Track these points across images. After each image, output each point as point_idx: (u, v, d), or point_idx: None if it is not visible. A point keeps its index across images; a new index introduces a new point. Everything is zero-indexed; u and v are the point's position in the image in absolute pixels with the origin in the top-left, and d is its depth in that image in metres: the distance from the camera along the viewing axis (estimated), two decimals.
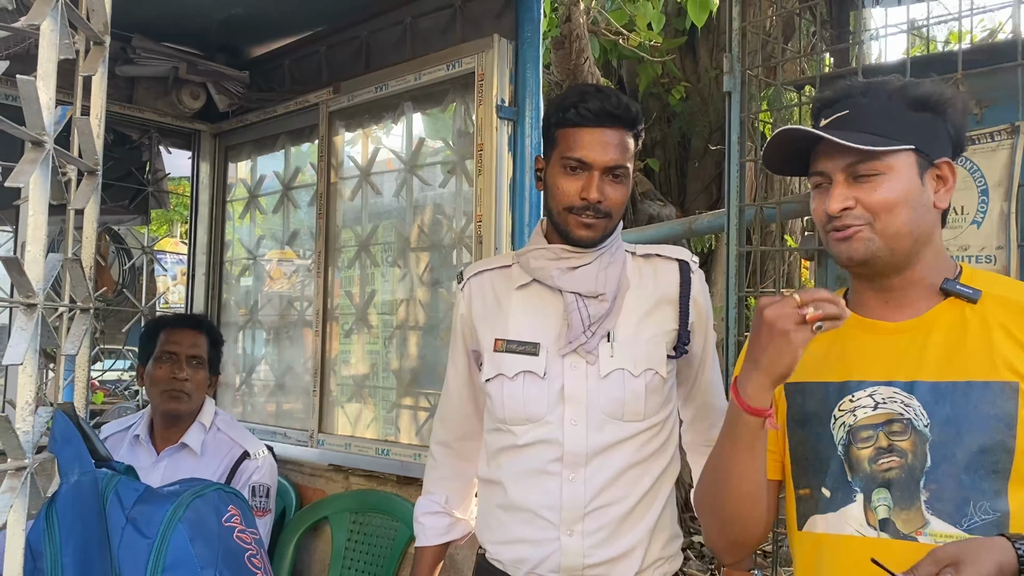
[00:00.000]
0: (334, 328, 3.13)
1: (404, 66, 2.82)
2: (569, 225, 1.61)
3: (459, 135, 2.76)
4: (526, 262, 1.68)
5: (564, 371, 1.60)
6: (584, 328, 1.59)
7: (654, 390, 1.62)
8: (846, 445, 1.26)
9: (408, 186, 2.93)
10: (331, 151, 3.14)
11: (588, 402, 1.59)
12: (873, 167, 1.25)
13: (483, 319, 1.72)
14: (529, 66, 2.54)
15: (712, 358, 1.76)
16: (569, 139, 1.59)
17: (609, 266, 1.64)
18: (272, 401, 3.44)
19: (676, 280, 1.67)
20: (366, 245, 3.06)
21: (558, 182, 1.60)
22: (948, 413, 1.19)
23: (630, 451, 1.59)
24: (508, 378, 1.63)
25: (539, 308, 1.67)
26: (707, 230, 3.58)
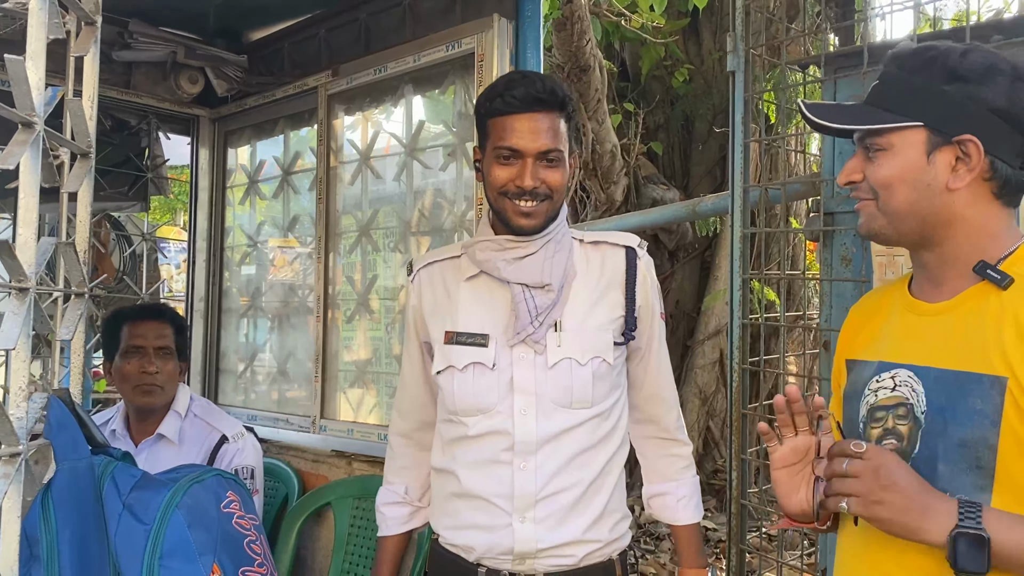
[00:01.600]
0: (336, 314, 3.10)
1: (403, 48, 2.78)
2: (507, 212, 1.61)
3: (459, 117, 2.73)
4: (472, 254, 1.69)
5: (513, 362, 1.62)
6: (531, 319, 1.61)
7: (601, 377, 1.64)
8: (864, 424, 1.28)
9: (408, 170, 2.89)
10: (330, 135, 3.10)
11: (537, 392, 1.61)
12: (876, 142, 1.24)
13: (433, 311, 1.74)
14: (530, 46, 2.50)
15: (660, 346, 1.77)
16: (499, 128, 1.60)
17: (555, 255, 1.65)
18: (274, 388, 3.42)
19: (622, 267, 1.68)
20: (367, 230, 3.03)
21: (492, 171, 1.61)
22: (942, 402, 1.18)
23: (579, 438, 1.62)
24: (458, 370, 1.65)
25: (487, 299, 1.68)
26: (711, 212, 3.55)
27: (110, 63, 3.26)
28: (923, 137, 1.21)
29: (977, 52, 1.21)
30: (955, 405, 1.16)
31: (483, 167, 1.67)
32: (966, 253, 1.23)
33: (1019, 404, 1.11)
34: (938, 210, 1.23)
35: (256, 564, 1.54)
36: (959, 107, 1.20)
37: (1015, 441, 1.12)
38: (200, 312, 3.58)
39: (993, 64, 1.20)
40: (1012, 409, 1.11)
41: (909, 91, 1.23)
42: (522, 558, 1.61)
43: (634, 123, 5.93)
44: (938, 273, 1.27)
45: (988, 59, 1.21)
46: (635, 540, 4.89)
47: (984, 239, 1.23)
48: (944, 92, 1.20)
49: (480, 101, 1.66)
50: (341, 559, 2.73)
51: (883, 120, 1.23)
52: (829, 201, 2.60)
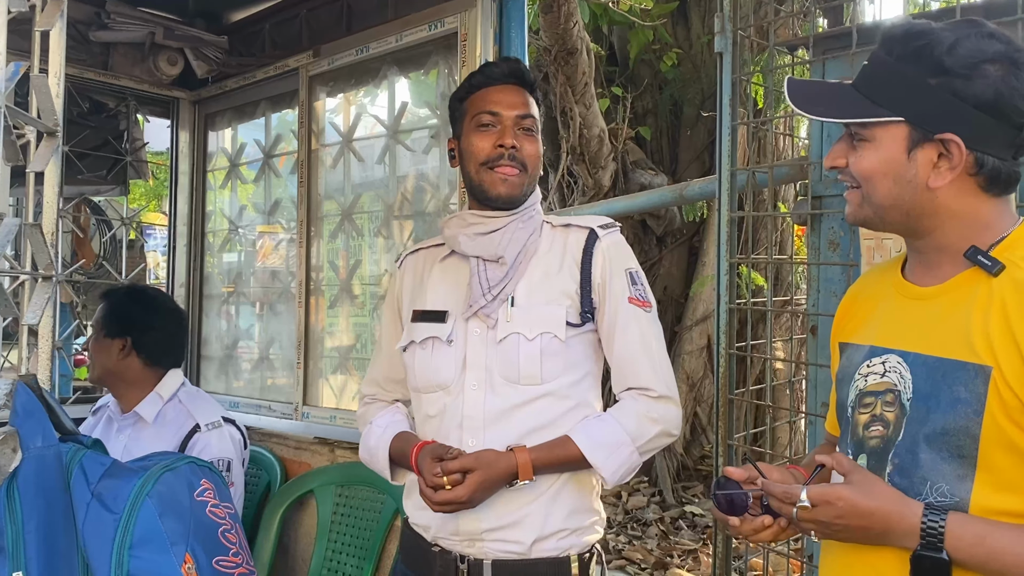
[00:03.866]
0: (318, 299, 3.07)
1: (385, 27, 2.74)
2: (486, 183, 1.63)
3: (443, 99, 2.69)
4: (444, 233, 1.72)
5: (467, 336, 1.63)
6: (484, 291, 1.62)
7: (552, 354, 1.60)
8: (853, 408, 1.26)
9: (391, 153, 2.86)
10: (312, 117, 3.07)
11: (487, 367, 1.60)
12: (859, 132, 1.21)
13: (409, 294, 1.77)
14: (514, 25, 2.46)
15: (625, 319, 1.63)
16: (478, 100, 1.66)
17: (516, 231, 1.65)
18: (256, 374, 3.39)
19: (581, 247, 1.66)
20: (349, 214, 3.00)
21: (473, 141, 1.64)
22: (927, 390, 1.16)
23: (530, 416, 1.59)
24: (418, 344, 1.67)
25: (452, 277, 1.70)
26: (699, 196, 3.52)
27: (87, 44, 3.20)
28: (905, 133, 1.18)
29: (967, 42, 1.14)
30: (939, 393, 1.14)
31: (461, 149, 1.69)
32: (956, 241, 1.20)
33: (1002, 395, 1.09)
34: (921, 204, 1.20)
35: (231, 553, 1.50)
36: (943, 104, 1.15)
37: (997, 431, 1.09)
38: (181, 298, 3.53)
39: (982, 55, 1.14)
40: (995, 399, 1.09)
41: (894, 82, 1.18)
42: (470, 539, 1.59)
43: (622, 108, 5.88)
44: (931, 257, 1.24)
45: (978, 49, 1.14)
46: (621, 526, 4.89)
47: (975, 228, 1.20)
48: (929, 87, 1.15)
49: (456, 92, 1.72)
50: (324, 546, 2.71)
51: (865, 112, 1.19)
52: (817, 185, 2.57)
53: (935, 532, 1.08)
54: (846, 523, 1.12)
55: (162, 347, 2.51)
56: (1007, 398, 1.09)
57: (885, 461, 1.19)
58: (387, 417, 1.79)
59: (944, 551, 1.08)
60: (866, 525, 1.12)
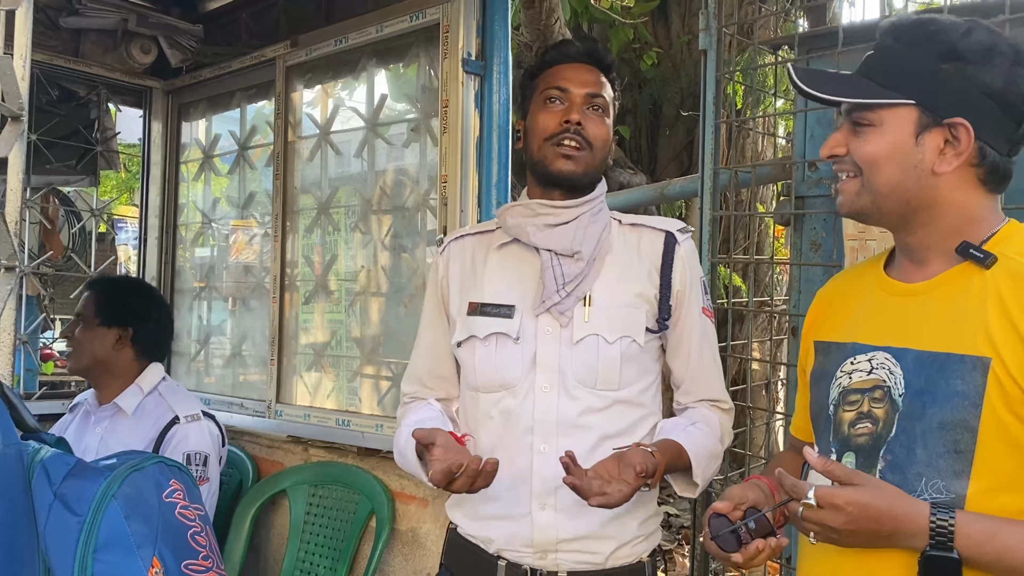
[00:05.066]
0: (293, 295, 3.02)
1: (365, 18, 2.69)
2: (548, 159, 1.55)
3: (423, 91, 2.64)
4: (504, 220, 1.63)
5: (537, 334, 1.55)
6: (558, 287, 1.54)
7: (630, 359, 1.55)
8: (836, 406, 1.25)
9: (370, 146, 2.80)
10: (288, 108, 3.01)
11: (560, 368, 1.53)
12: (865, 117, 1.20)
13: (459, 283, 1.67)
14: (497, 17, 2.41)
15: (700, 329, 1.63)
16: (548, 76, 1.59)
17: (589, 225, 1.57)
18: (228, 371, 3.33)
19: (660, 251, 1.60)
20: (326, 208, 2.94)
21: (538, 118, 1.57)
22: (921, 385, 1.15)
23: (605, 422, 1.53)
24: (480, 340, 1.58)
25: (516, 268, 1.61)
26: (679, 195, 3.51)
27: (57, 30, 3.13)
28: (914, 116, 1.18)
29: (980, 30, 1.17)
30: (935, 387, 1.13)
31: (526, 128, 1.63)
32: (949, 235, 1.20)
33: (1003, 385, 1.09)
34: (923, 192, 1.19)
35: (201, 557, 1.44)
36: (954, 88, 1.16)
37: (996, 424, 1.09)
38: None
39: (995, 45, 1.16)
40: (995, 390, 1.09)
41: (904, 67, 1.19)
42: (543, 550, 1.52)
43: None
44: (921, 254, 1.24)
45: (990, 39, 1.16)
46: None
47: (968, 222, 1.20)
48: (941, 71, 1.16)
49: (526, 70, 1.65)
50: (296, 547, 2.66)
51: (874, 94, 1.19)
52: (800, 185, 2.55)
53: (945, 531, 1.06)
54: (856, 527, 1.08)
55: (155, 340, 2.51)
56: (1009, 388, 1.08)
57: (876, 458, 1.18)
58: (416, 415, 1.66)
59: (954, 550, 1.06)
60: (876, 528, 1.09)
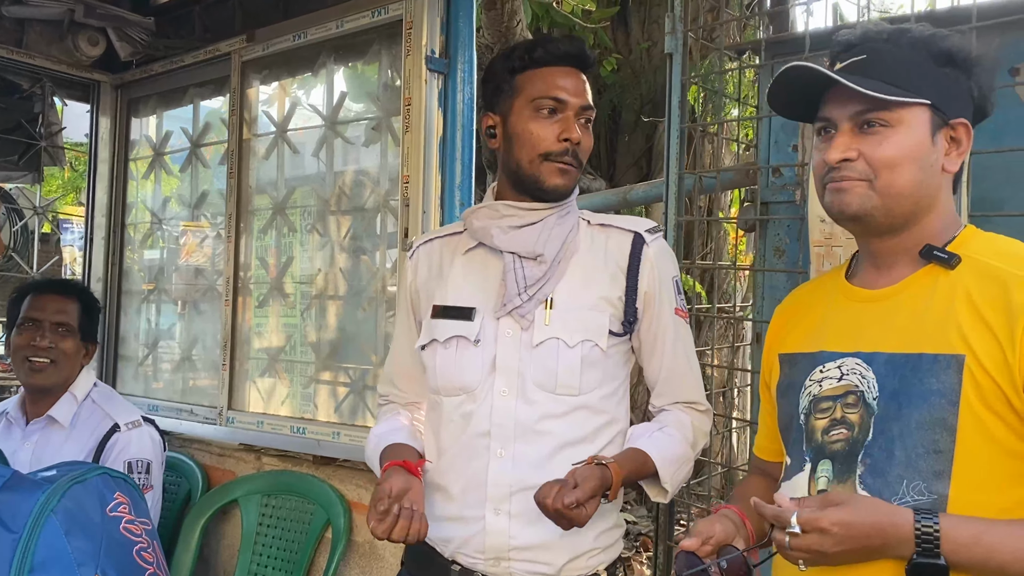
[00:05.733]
0: (246, 297, 2.94)
1: (325, 12, 2.63)
2: (543, 174, 1.52)
3: (385, 89, 2.59)
4: (470, 223, 1.60)
5: (498, 337, 1.53)
6: (520, 290, 1.51)
7: (592, 363, 1.52)
8: (807, 415, 1.25)
9: (329, 145, 2.74)
10: (244, 105, 2.93)
11: (519, 372, 1.51)
12: (882, 117, 1.19)
13: (425, 287, 1.66)
14: (462, 14, 2.37)
15: (673, 331, 1.59)
16: (539, 80, 1.52)
17: (555, 227, 1.55)
18: (178, 376, 3.24)
19: (627, 251, 1.57)
20: (282, 208, 2.87)
21: (530, 128, 1.51)
22: (895, 387, 1.15)
23: (565, 428, 1.50)
24: (440, 343, 1.56)
25: (480, 272, 1.59)
26: (642, 200, 3.47)
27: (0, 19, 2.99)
28: (927, 116, 1.19)
29: (957, 39, 1.22)
30: (910, 388, 1.13)
31: (506, 129, 1.55)
32: (925, 238, 1.22)
33: (978, 381, 1.10)
34: (932, 192, 1.21)
35: (147, 574, 1.35)
36: (956, 90, 1.21)
37: (974, 421, 1.10)
38: (98, 293, 3.27)
39: (972, 52, 1.22)
40: (971, 387, 1.10)
41: (912, 67, 1.20)
42: (496, 557, 1.50)
43: None
44: (889, 259, 1.25)
45: (969, 47, 1.23)
46: None
47: (948, 222, 1.24)
48: (943, 74, 1.20)
49: (505, 59, 1.56)
50: (248, 559, 2.57)
51: (896, 93, 1.18)
52: (764, 191, 2.53)
53: (931, 537, 1.05)
54: (845, 547, 1.06)
55: None
56: (983, 383, 1.09)
57: (854, 463, 1.17)
58: (386, 424, 1.69)
59: (941, 556, 1.04)
60: (865, 544, 1.07)
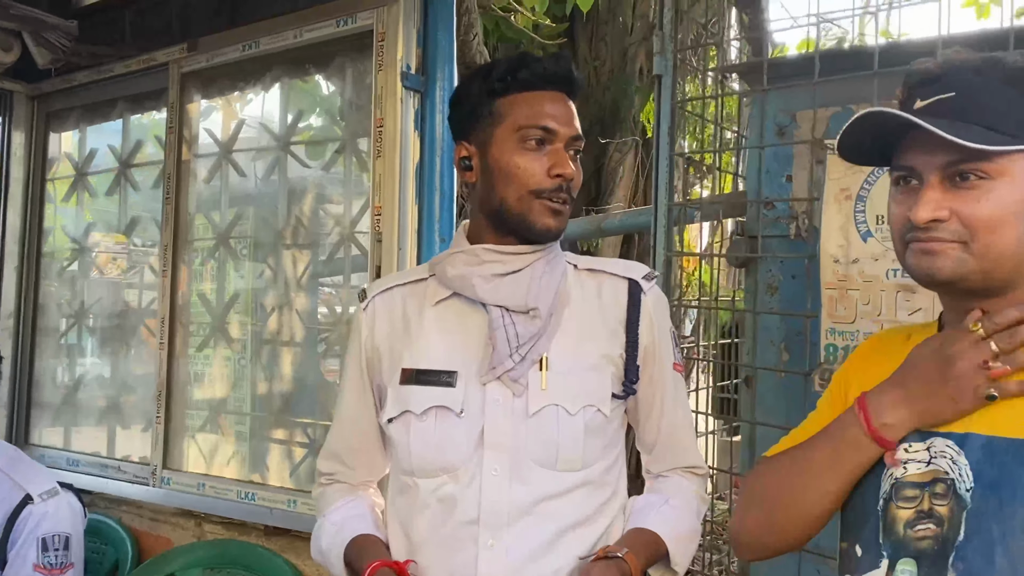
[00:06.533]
0: (185, 340, 2.72)
1: (280, 20, 2.42)
2: (533, 214, 1.35)
3: (350, 107, 2.39)
4: (442, 271, 1.42)
5: (486, 406, 1.34)
6: (511, 351, 1.34)
7: (595, 432, 1.36)
8: (887, 500, 1.09)
9: (282, 167, 2.53)
10: (183, 122, 2.72)
11: (513, 446, 1.33)
12: (980, 169, 1.02)
13: (388, 346, 1.45)
14: (441, 26, 2.19)
15: (673, 388, 1.47)
16: (525, 106, 1.35)
17: (544, 275, 1.38)
18: (104, 428, 2.99)
19: (624, 302, 1.42)
20: (226, 238, 2.65)
21: (516, 161, 1.34)
22: (994, 477, 1.00)
23: (566, 510, 1.34)
24: (416, 416, 1.36)
25: (458, 328, 1.40)
26: (619, 230, 3.31)
27: None
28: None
29: None
30: (1015, 479, 0.98)
31: (487, 160, 1.38)
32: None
33: None
34: None
35: None
36: None
37: None
38: (8, 331, 3.10)
39: None
40: None
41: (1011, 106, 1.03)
42: None
43: None
44: None
45: None
46: None
47: None
48: None
49: (483, 80, 1.38)
50: None
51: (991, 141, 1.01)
52: (753, 223, 2.40)
53: None
54: None
55: None
56: None
57: (944, 567, 1.01)
58: (344, 511, 1.47)
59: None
60: None
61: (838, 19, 2.43)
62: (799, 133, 2.31)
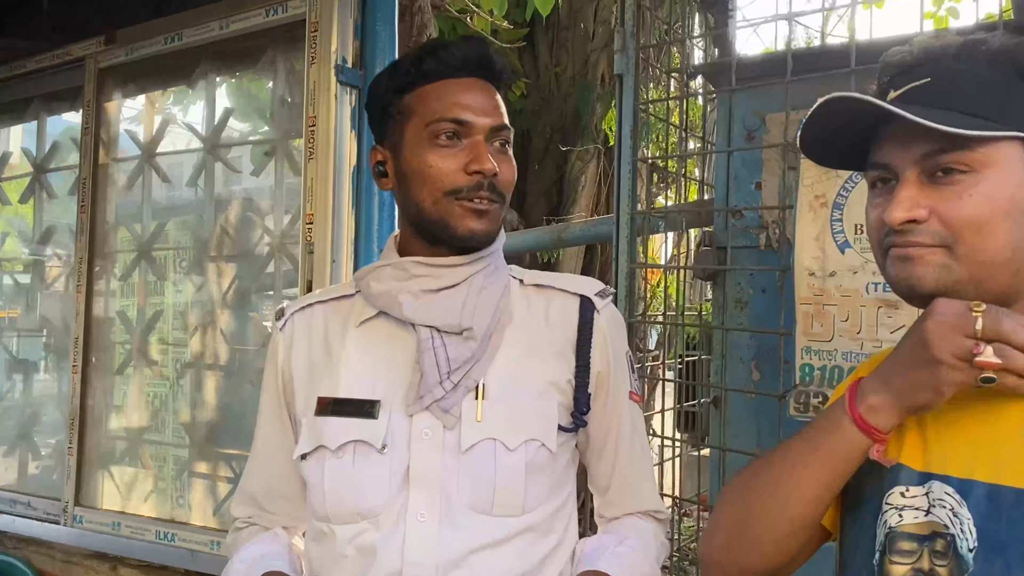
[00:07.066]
0: (101, 362, 2.55)
1: (206, 10, 2.27)
2: (452, 217, 1.22)
3: (281, 105, 2.23)
4: (367, 286, 1.29)
5: (412, 440, 1.20)
6: (441, 377, 1.21)
7: (538, 469, 1.22)
8: (882, 553, 0.98)
9: (209, 172, 2.36)
10: (101, 122, 2.57)
11: (443, 487, 1.19)
12: (962, 160, 0.91)
13: (306, 370, 1.31)
14: (380, 15, 2.04)
15: (629, 421, 1.33)
16: (433, 98, 1.23)
17: (483, 290, 1.25)
18: (11, 460, 2.84)
19: (574, 321, 1.29)
20: (148, 250, 2.48)
21: (429, 160, 1.22)
22: (1001, 536, 0.88)
23: (504, 562, 1.20)
24: (331, 452, 1.22)
25: (383, 350, 1.27)
26: (579, 240, 3.16)
27: None
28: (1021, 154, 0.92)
29: None
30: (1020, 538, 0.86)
31: (398, 165, 1.26)
32: None
33: None
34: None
35: None
36: None
37: None
38: None
39: None
40: None
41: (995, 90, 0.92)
42: None
43: None
44: None
45: None
46: None
47: None
48: None
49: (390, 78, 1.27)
50: None
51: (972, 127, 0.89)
52: (721, 234, 2.29)
53: None
54: None
55: None
56: None
57: None
58: (256, 548, 1.31)
59: None
60: None
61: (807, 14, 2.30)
62: (769, 137, 2.21)
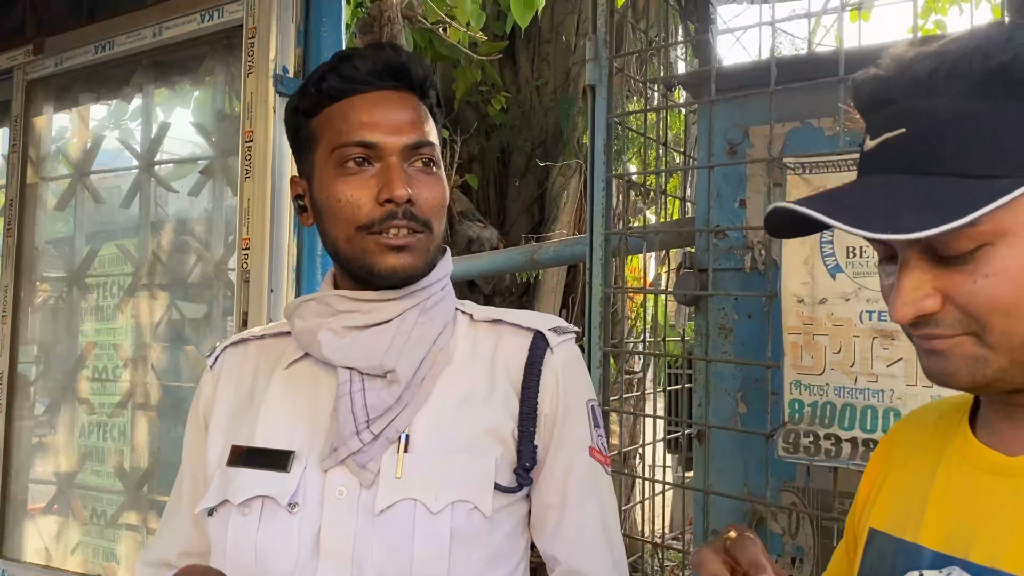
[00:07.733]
0: (25, 401, 2.40)
1: (138, 15, 2.13)
2: (368, 255, 1.08)
3: (220, 119, 2.09)
4: (292, 324, 1.16)
5: (324, 501, 1.05)
6: (358, 427, 1.06)
7: (469, 539, 1.05)
8: None
9: (144, 193, 2.22)
10: (30, 139, 2.44)
11: (354, 555, 1.03)
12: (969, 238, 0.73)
13: (228, 414, 1.17)
14: (326, 21, 1.89)
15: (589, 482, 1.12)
16: (339, 119, 1.09)
17: (416, 328, 1.10)
18: None
19: (522, 359, 1.13)
20: (79, 278, 2.32)
21: (337, 192, 1.08)
22: None
23: None
24: (236, 507, 1.08)
25: (306, 396, 1.14)
26: (554, 261, 3.01)
27: None
28: None
29: None
30: None
31: (315, 199, 1.12)
32: None
33: None
34: None
35: None
36: None
37: None
38: None
39: None
40: None
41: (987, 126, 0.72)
42: None
43: (448, 152, 5.39)
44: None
45: None
46: None
47: None
48: None
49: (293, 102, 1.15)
50: None
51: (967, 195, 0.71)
52: (703, 255, 2.17)
53: None
54: None
55: None
56: None
57: None
58: None
59: None
60: None
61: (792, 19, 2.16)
62: (753, 151, 2.08)
